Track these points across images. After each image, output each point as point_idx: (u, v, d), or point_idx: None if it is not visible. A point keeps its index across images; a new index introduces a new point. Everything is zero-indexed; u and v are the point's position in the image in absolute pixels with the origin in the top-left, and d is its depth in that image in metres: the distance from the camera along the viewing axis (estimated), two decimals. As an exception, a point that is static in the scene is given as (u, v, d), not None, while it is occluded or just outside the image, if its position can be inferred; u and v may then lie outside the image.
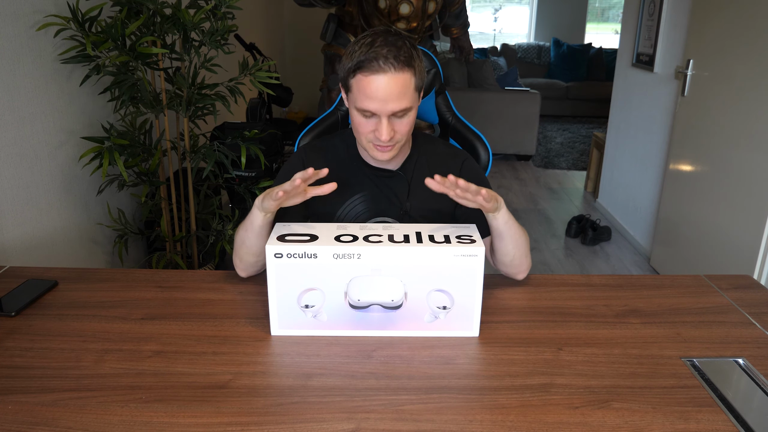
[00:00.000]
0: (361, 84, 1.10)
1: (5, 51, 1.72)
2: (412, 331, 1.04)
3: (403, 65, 1.09)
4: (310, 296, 1.02)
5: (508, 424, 0.82)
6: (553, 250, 3.38)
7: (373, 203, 1.28)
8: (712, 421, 0.83)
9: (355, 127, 1.19)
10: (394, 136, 1.15)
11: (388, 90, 1.09)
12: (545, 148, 5.69)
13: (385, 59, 1.08)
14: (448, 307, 1.02)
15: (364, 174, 1.28)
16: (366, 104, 1.11)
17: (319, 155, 1.31)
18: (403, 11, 3.07)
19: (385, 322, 1.04)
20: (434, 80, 1.57)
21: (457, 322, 1.03)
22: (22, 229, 1.83)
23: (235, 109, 3.79)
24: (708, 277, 1.28)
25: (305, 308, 1.02)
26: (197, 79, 2.13)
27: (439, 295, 1.01)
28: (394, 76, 1.09)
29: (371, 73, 1.09)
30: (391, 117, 1.13)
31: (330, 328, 1.04)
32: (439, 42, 3.87)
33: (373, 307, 1.02)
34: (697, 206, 2.62)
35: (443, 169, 1.30)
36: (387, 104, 1.10)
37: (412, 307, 1.02)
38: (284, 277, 1.00)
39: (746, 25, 2.28)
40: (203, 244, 2.37)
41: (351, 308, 1.03)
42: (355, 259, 0.98)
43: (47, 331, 1.05)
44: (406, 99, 1.12)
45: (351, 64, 1.11)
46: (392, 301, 1.02)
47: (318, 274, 1.00)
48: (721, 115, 2.45)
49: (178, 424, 0.81)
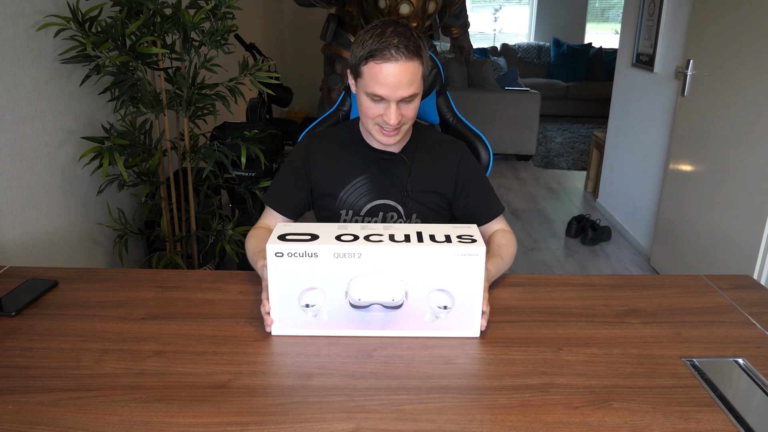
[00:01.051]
0: (372, 71, 1.17)
1: (5, 51, 1.72)
2: (413, 330, 1.04)
3: (413, 54, 1.16)
4: (310, 295, 1.01)
5: (508, 424, 0.82)
6: (553, 250, 3.38)
7: (375, 185, 1.33)
8: (712, 421, 0.83)
9: (362, 112, 1.24)
10: (401, 119, 1.21)
11: (399, 77, 1.16)
12: (545, 148, 5.69)
13: (396, 48, 1.14)
14: (449, 306, 1.02)
15: (366, 156, 1.34)
16: (377, 89, 1.17)
17: (322, 142, 1.37)
18: (403, 11, 3.07)
19: (386, 322, 1.03)
20: (435, 80, 1.57)
21: (458, 322, 1.03)
22: (22, 229, 1.83)
23: (235, 109, 3.79)
24: (708, 277, 1.28)
25: (306, 307, 1.02)
26: (197, 79, 2.13)
27: (440, 295, 1.01)
28: (405, 64, 1.15)
29: (383, 60, 1.15)
30: (399, 102, 1.19)
31: (330, 328, 1.04)
32: (439, 42, 3.86)
33: (374, 306, 1.02)
34: (697, 206, 2.62)
35: (444, 155, 1.37)
36: (397, 90, 1.17)
37: (412, 307, 1.02)
38: (285, 276, 1.00)
39: (746, 25, 2.28)
40: (203, 244, 2.37)
41: (351, 308, 1.02)
42: (356, 258, 0.98)
43: (47, 331, 1.05)
44: (414, 86, 1.19)
45: (363, 52, 1.17)
46: (393, 301, 1.02)
47: (318, 273, 1.00)
48: (721, 115, 2.45)
49: (178, 424, 0.81)
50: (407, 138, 1.35)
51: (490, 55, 7.27)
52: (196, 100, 2.10)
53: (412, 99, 1.21)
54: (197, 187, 2.43)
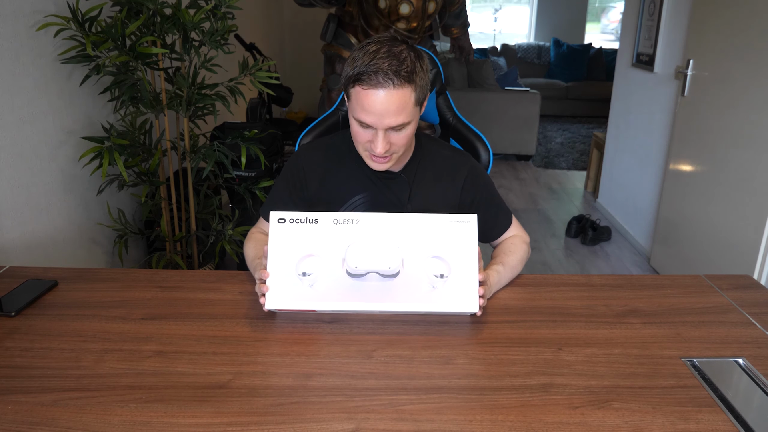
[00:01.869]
0: (359, 96, 1.09)
1: (5, 51, 1.72)
2: (411, 303, 1.04)
3: (404, 81, 1.07)
4: (308, 263, 1.04)
5: (508, 424, 0.82)
6: (553, 250, 3.38)
7: (374, 205, 1.28)
8: (712, 421, 0.83)
9: (353, 135, 1.18)
10: (390, 148, 1.14)
11: (386, 105, 1.07)
12: (545, 148, 5.69)
13: (384, 74, 1.06)
14: (445, 275, 1.03)
15: (365, 175, 1.28)
16: (362, 117, 1.10)
17: (319, 155, 1.31)
18: (403, 11, 3.07)
19: (383, 294, 1.04)
20: (435, 80, 1.57)
21: (456, 295, 1.04)
22: (22, 229, 1.83)
23: (235, 109, 3.79)
24: (708, 277, 1.28)
25: (303, 276, 1.04)
26: (197, 79, 2.13)
27: (436, 262, 1.04)
28: (393, 92, 1.07)
29: (369, 87, 1.07)
30: (388, 130, 1.12)
31: (326, 300, 1.04)
32: (439, 42, 3.86)
33: (371, 275, 1.04)
34: (697, 206, 2.62)
35: (449, 172, 1.30)
36: (383, 119, 1.09)
37: (409, 277, 1.04)
38: (285, 242, 1.04)
39: (746, 25, 2.28)
40: (203, 244, 2.37)
41: (348, 277, 1.04)
42: (354, 224, 1.04)
43: (47, 331, 1.05)
44: (404, 115, 1.10)
45: (352, 73, 1.09)
46: (389, 269, 1.04)
47: (318, 239, 1.04)
48: (721, 115, 2.45)
49: (178, 424, 0.81)
50: (408, 155, 1.28)
51: (490, 55, 7.27)
52: (196, 100, 2.10)
53: (402, 128, 1.12)
54: (197, 187, 2.43)
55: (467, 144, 1.56)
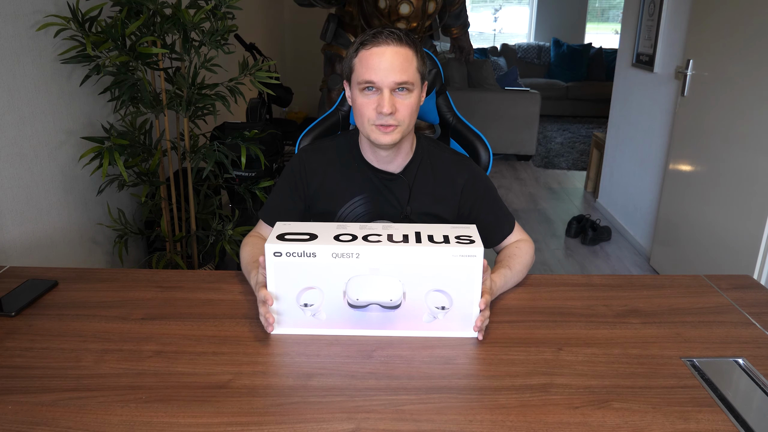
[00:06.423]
0: (363, 57, 1.15)
1: (5, 51, 1.72)
2: (411, 331, 1.04)
3: (406, 42, 1.15)
4: (309, 295, 1.02)
5: (508, 424, 0.82)
6: (553, 250, 3.38)
7: (374, 206, 1.28)
8: (712, 421, 0.83)
9: (357, 112, 1.19)
10: (396, 113, 1.15)
11: (390, 61, 1.13)
12: (545, 148, 5.69)
13: (389, 33, 1.14)
14: (446, 307, 1.02)
15: (365, 176, 1.28)
16: (368, 75, 1.14)
17: (319, 156, 1.31)
18: (403, 11, 3.07)
19: (384, 322, 1.03)
20: (435, 80, 1.57)
21: (456, 323, 1.03)
22: (22, 229, 1.83)
23: (235, 109, 3.79)
24: (708, 277, 1.28)
25: (304, 307, 1.02)
26: (197, 79, 2.13)
27: (438, 296, 1.01)
28: (396, 49, 1.13)
29: (374, 45, 1.14)
30: (393, 92, 1.15)
31: (329, 327, 1.04)
32: (439, 42, 3.86)
33: (372, 306, 1.02)
34: (697, 206, 2.62)
35: (449, 175, 1.29)
36: (389, 75, 1.13)
37: (410, 308, 1.02)
38: (283, 275, 1.00)
39: (746, 25, 2.28)
40: (203, 244, 2.37)
41: (350, 308, 1.03)
42: (354, 258, 0.98)
43: (47, 331, 1.05)
44: (408, 73, 1.14)
45: (354, 47, 1.17)
46: (391, 301, 1.02)
47: (317, 272, 1.00)
48: (721, 115, 2.45)
49: (178, 424, 0.81)
50: (408, 156, 1.28)
51: (490, 55, 7.27)
52: (196, 100, 2.10)
53: (406, 90, 1.15)
54: (197, 187, 2.43)
55: (467, 144, 1.55)
